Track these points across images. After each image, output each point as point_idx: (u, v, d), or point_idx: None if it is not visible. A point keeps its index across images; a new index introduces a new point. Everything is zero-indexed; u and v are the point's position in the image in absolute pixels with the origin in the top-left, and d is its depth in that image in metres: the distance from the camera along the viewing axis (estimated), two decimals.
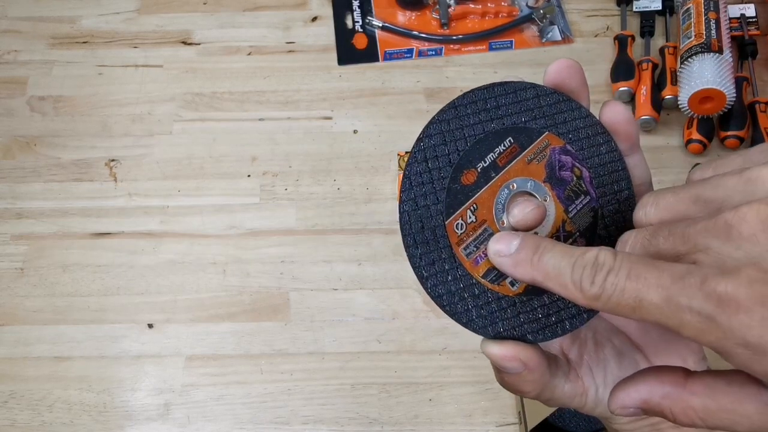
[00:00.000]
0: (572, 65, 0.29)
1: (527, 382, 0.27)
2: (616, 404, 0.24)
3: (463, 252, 0.27)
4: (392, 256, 0.76)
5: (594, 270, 0.22)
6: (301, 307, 0.73)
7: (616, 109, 0.29)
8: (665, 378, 0.23)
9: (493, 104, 0.29)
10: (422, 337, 0.71)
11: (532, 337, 0.27)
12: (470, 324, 0.27)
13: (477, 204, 0.28)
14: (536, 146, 0.29)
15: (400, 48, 0.92)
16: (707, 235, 0.21)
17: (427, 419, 0.67)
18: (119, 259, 0.76)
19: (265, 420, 0.68)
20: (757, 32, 0.89)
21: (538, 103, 0.29)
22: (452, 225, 0.27)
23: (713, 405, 0.22)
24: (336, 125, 0.85)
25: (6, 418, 0.68)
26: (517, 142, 0.28)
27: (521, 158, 0.28)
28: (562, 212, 0.28)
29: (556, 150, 0.29)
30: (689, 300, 0.20)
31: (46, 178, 0.82)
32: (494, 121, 0.28)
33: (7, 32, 0.94)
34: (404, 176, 0.27)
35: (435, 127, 0.28)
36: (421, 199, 0.27)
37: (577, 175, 0.29)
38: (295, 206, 0.80)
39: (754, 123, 0.81)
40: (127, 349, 0.71)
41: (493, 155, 0.28)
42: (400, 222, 0.27)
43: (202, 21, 0.94)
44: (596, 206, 0.29)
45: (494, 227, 0.27)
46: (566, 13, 0.94)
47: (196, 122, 0.86)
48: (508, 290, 0.27)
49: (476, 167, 0.28)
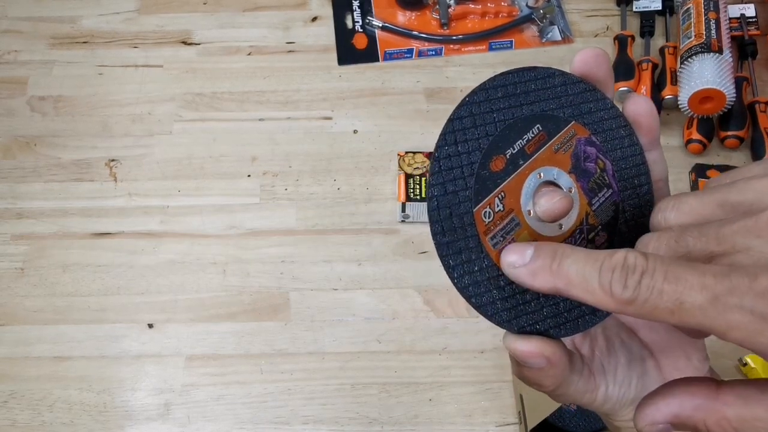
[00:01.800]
0: (600, 54, 0.29)
1: (548, 377, 0.27)
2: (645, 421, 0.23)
3: (490, 242, 0.26)
4: (392, 256, 0.76)
5: (625, 273, 0.21)
6: (301, 307, 0.73)
7: (639, 102, 0.29)
8: (695, 390, 0.22)
9: (523, 89, 0.28)
10: (422, 337, 0.71)
11: (554, 332, 0.27)
12: (495, 317, 0.26)
13: (505, 192, 0.26)
14: (563, 135, 0.28)
15: (400, 48, 0.92)
16: (747, 234, 0.20)
17: (427, 419, 0.67)
18: (119, 259, 0.76)
19: (265, 420, 0.68)
20: (757, 32, 0.89)
21: (566, 91, 0.28)
22: (480, 213, 0.26)
23: (748, 414, 0.21)
24: (336, 125, 0.85)
25: (6, 418, 0.68)
26: (545, 129, 0.28)
27: (549, 146, 0.27)
28: (586, 204, 0.28)
29: (582, 140, 0.28)
30: (740, 299, 0.19)
31: (46, 178, 0.82)
32: (523, 106, 0.27)
33: (8, 32, 0.94)
34: (434, 159, 0.26)
35: (466, 109, 0.27)
36: (450, 184, 0.26)
37: (601, 167, 0.28)
38: (295, 206, 0.80)
39: (754, 123, 0.81)
40: (127, 349, 0.71)
41: (521, 142, 0.27)
42: (428, 208, 0.26)
43: (202, 21, 0.94)
44: (618, 200, 0.28)
45: (521, 217, 0.27)
46: (566, 13, 0.94)
47: (196, 122, 0.86)
48: None
49: (505, 153, 0.27)
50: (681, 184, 0.80)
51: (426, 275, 0.75)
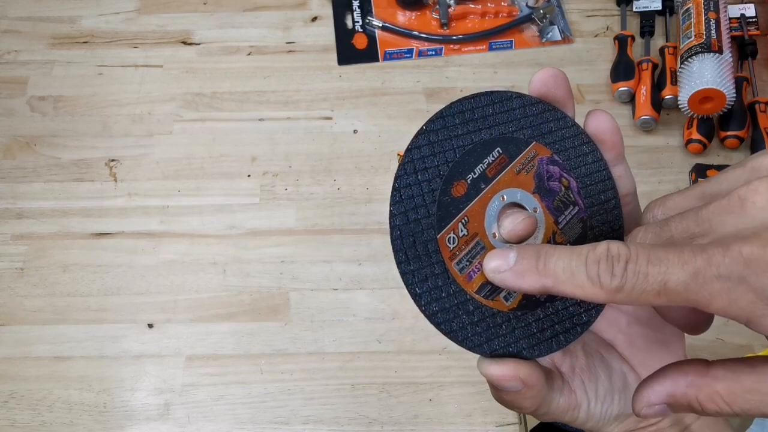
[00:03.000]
0: (557, 75, 0.29)
1: (526, 398, 0.27)
2: (642, 403, 0.24)
3: (456, 267, 0.26)
4: (392, 256, 0.76)
5: (610, 262, 0.22)
6: (301, 307, 0.73)
7: (601, 119, 0.29)
8: (687, 369, 0.23)
9: (481, 114, 0.28)
10: (422, 337, 0.71)
11: (528, 353, 0.27)
12: (465, 342, 0.26)
13: (468, 216, 0.27)
14: (524, 156, 0.28)
15: (400, 48, 0.92)
16: (721, 212, 0.21)
17: (427, 419, 0.67)
18: (119, 259, 0.76)
19: (265, 420, 0.68)
20: (757, 32, 0.89)
21: (525, 112, 0.28)
22: (444, 239, 0.26)
23: (738, 387, 0.22)
24: (336, 125, 0.85)
25: (6, 418, 0.68)
26: (505, 152, 0.28)
27: (510, 169, 0.28)
28: (552, 223, 0.28)
29: (544, 160, 0.28)
30: (717, 268, 0.20)
31: (46, 178, 0.82)
32: (482, 131, 0.28)
33: (7, 32, 0.94)
34: (394, 189, 0.26)
35: (424, 138, 0.27)
36: (412, 212, 0.26)
37: (565, 185, 0.28)
38: (295, 206, 0.80)
39: (754, 123, 0.81)
40: (127, 349, 0.71)
41: (482, 166, 0.27)
42: (391, 237, 0.26)
43: (202, 21, 0.94)
44: (585, 216, 0.29)
45: (486, 240, 0.27)
46: (566, 13, 0.94)
47: (196, 122, 0.86)
48: (503, 305, 0.27)
49: (466, 179, 0.27)
50: (681, 185, 0.80)
51: None
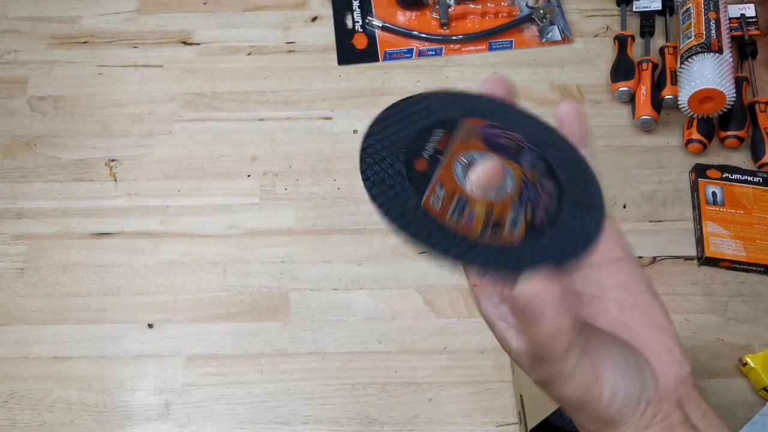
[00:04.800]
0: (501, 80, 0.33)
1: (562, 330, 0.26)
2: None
3: (452, 221, 0.28)
4: (392, 256, 0.76)
5: None
6: (301, 307, 0.73)
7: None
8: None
9: (411, 111, 0.32)
10: (422, 337, 0.71)
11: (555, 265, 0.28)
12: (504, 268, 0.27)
13: (441, 181, 0.29)
14: (464, 129, 0.31)
15: (400, 48, 0.92)
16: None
17: (427, 419, 0.67)
18: (119, 259, 0.76)
19: (265, 420, 0.68)
20: (757, 32, 0.89)
21: (445, 102, 0.32)
22: (429, 202, 0.28)
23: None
24: (336, 125, 0.85)
25: (6, 418, 0.68)
26: (446, 131, 0.31)
27: (456, 140, 0.31)
28: (517, 167, 0.30)
29: (482, 127, 0.31)
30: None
31: (46, 178, 0.82)
32: (416, 123, 0.31)
33: (7, 32, 0.94)
34: (364, 180, 0.29)
35: (370, 138, 0.30)
36: (390, 191, 0.28)
37: (512, 139, 0.31)
38: (295, 206, 0.80)
39: (754, 123, 0.81)
40: (127, 349, 0.71)
41: (432, 145, 0.30)
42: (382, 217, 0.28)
43: (202, 21, 0.94)
44: (543, 155, 0.31)
45: (467, 195, 0.29)
46: (566, 13, 0.94)
47: (196, 122, 0.86)
48: (513, 238, 0.28)
49: (423, 156, 0.30)
50: (681, 184, 0.80)
51: (426, 275, 0.75)
